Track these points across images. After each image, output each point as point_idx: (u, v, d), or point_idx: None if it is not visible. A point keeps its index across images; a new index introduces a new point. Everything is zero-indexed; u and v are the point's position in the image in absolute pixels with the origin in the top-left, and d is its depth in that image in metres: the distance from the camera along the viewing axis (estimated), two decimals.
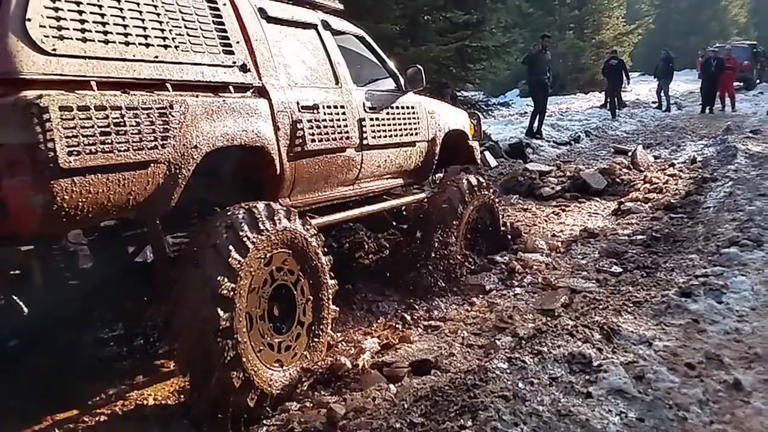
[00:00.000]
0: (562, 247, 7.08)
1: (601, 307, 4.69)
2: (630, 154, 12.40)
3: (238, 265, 3.53)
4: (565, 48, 27.11)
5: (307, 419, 3.62)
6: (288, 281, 3.94)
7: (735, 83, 23.56)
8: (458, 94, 14.26)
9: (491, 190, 6.71)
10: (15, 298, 3.46)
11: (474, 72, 15.58)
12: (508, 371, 3.44)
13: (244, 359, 3.53)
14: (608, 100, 21.39)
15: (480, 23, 15.30)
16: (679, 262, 5.80)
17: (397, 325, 5.10)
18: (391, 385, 3.89)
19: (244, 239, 3.60)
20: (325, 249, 4.30)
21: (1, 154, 2.85)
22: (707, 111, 21.51)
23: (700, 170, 10.99)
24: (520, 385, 3.29)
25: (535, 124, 15.65)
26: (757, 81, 30.76)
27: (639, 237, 7.17)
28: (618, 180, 10.57)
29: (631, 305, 4.56)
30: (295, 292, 3.99)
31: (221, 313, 3.42)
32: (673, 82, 25.74)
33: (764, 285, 4.90)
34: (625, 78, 21.92)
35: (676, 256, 6.13)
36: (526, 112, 16.85)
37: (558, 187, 10.28)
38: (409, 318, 5.20)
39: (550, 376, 3.41)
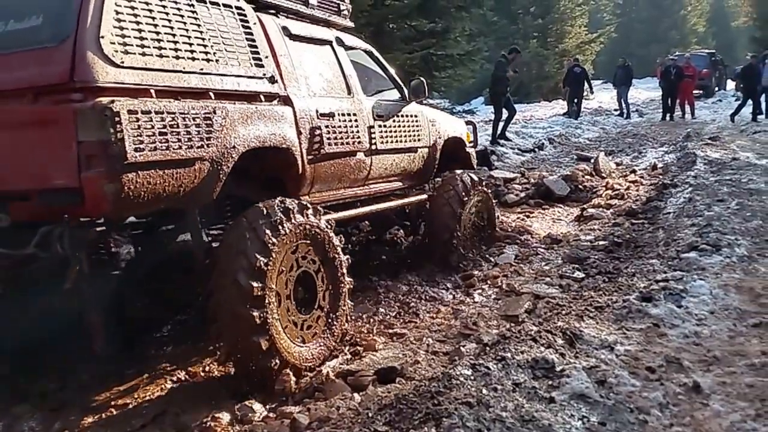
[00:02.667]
0: (525, 253, 7.14)
1: (564, 312, 4.74)
2: (592, 161, 12.54)
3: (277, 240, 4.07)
4: (528, 57, 27.39)
5: (270, 430, 3.59)
6: (310, 268, 4.42)
7: (694, 91, 23.99)
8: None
9: (488, 187, 7.29)
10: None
11: (439, 80, 15.70)
12: (472, 378, 3.44)
13: (272, 328, 3.99)
14: (570, 106, 21.68)
15: (445, 31, 15.43)
16: (640, 267, 5.87)
17: (362, 329, 5.11)
18: (356, 394, 3.87)
19: (284, 223, 4.15)
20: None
21: (81, 149, 3.33)
22: (667, 118, 21.88)
23: (660, 176, 11.16)
24: (484, 391, 3.29)
25: (499, 128, 15.85)
26: (716, 89, 31.41)
27: (601, 243, 7.24)
28: (581, 186, 10.69)
29: (593, 310, 4.61)
30: (315, 279, 4.46)
31: (255, 283, 3.89)
32: (635, 90, 26.18)
33: (722, 289, 4.98)
34: (588, 87, 22.27)
35: (637, 261, 6.21)
36: (490, 120, 16.98)
37: (522, 194, 10.37)
38: (375, 325, 5.20)
39: (514, 381, 3.42)
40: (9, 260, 3.80)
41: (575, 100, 21.77)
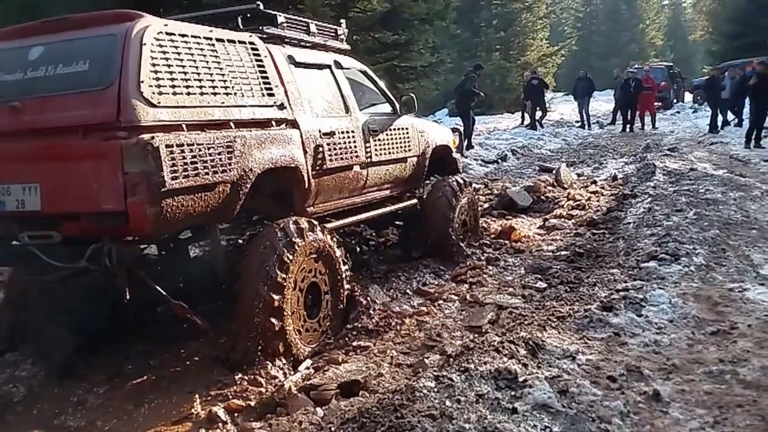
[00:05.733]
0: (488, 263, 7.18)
1: (526, 322, 4.76)
2: (554, 172, 12.66)
3: (297, 246, 4.70)
4: (491, 69, 27.69)
5: None
6: (317, 279, 4.99)
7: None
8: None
9: (474, 189, 7.98)
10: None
11: (403, 92, 15.71)
12: (435, 390, 3.44)
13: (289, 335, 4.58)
14: (532, 118, 21.90)
15: (408, 43, 15.51)
16: (601, 276, 5.94)
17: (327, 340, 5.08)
18: (319, 409, 3.83)
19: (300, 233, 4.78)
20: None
21: (127, 179, 3.84)
22: (627, 130, 22.23)
23: (620, 187, 11.32)
24: (447, 403, 3.29)
25: (466, 141, 15.96)
26: (674, 101, 31.93)
27: (563, 253, 7.31)
28: (543, 197, 10.78)
29: (555, 320, 4.64)
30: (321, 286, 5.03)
31: (275, 295, 4.47)
32: (596, 101, 26.52)
33: (681, 298, 5.06)
34: (545, 91, 22.62)
35: (598, 270, 6.28)
36: None
37: (486, 205, 10.40)
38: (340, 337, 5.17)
39: (477, 393, 3.43)
40: (62, 273, 4.25)
41: (537, 110, 22.03)
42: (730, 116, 19.78)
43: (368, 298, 5.64)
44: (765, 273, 5.71)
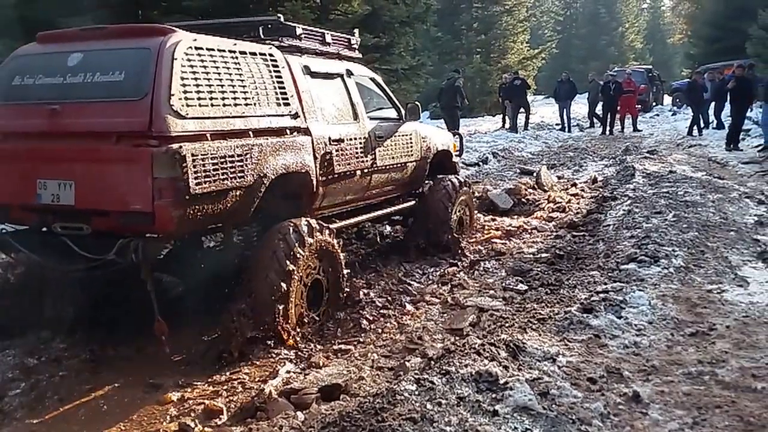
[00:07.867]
0: (469, 266, 7.18)
1: (507, 324, 4.78)
2: (535, 174, 12.69)
3: (305, 239, 5.04)
4: (472, 72, 27.79)
5: None
6: (320, 276, 5.32)
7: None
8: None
9: (470, 188, 8.50)
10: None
11: None
12: (416, 393, 3.43)
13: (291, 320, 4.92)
14: (513, 121, 21.94)
15: (389, 46, 15.52)
16: (581, 278, 5.96)
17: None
18: (299, 413, 3.80)
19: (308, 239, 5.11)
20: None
21: (155, 183, 4.18)
22: (607, 132, 22.37)
23: (600, 189, 11.39)
24: (428, 406, 3.29)
25: None
26: (653, 104, 32.18)
27: (543, 255, 7.33)
28: (524, 200, 10.80)
29: (535, 322, 4.66)
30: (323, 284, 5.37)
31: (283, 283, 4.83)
32: (577, 105, 26.65)
33: (661, 299, 5.10)
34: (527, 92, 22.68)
35: (579, 273, 6.30)
36: None
37: None
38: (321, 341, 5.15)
39: (458, 395, 3.43)
40: (90, 264, 4.54)
41: (521, 112, 22.07)
42: (710, 118, 19.97)
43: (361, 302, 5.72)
44: (743, 274, 5.78)
